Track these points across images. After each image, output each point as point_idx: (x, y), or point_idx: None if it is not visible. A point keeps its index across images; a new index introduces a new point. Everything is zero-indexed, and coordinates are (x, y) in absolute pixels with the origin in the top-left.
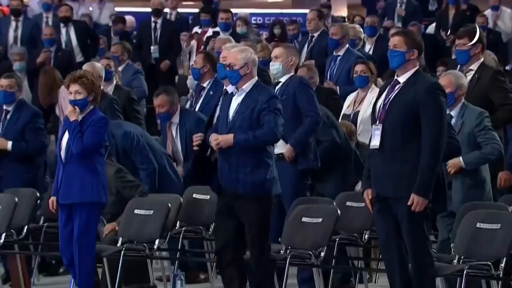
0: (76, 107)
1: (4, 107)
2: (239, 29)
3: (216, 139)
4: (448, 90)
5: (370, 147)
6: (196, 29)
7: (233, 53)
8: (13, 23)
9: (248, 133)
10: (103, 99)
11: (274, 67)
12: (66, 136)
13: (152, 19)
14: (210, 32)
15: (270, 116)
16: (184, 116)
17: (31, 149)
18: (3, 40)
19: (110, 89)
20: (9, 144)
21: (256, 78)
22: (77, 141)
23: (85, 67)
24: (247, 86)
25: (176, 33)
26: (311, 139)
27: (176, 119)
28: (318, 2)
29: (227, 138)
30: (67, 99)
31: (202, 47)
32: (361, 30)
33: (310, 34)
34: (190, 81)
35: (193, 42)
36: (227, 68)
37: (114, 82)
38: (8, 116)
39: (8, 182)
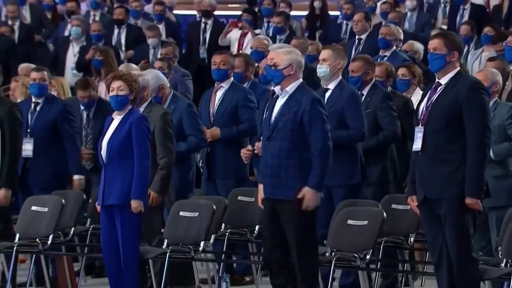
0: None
1: (33, 99)
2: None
3: None
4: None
5: (413, 150)
6: (236, 30)
7: (279, 53)
8: (68, 25)
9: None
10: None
11: (321, 69)
12: (107, 137)
13: (202, 20)
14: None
15: (318, 126)
16: (234, 86)
17: (74, 155)
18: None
19: None
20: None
21: (300, 80)
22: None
23: (121, 67)
24: (290, 87)
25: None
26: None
27: (226, 84)
28: None
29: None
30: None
31: (243, 47)
32: (401, 31)
33: (357, 37)
34: None
35: (229, 36)
36: (272, 67)
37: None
38: (38, 108)
39: (35, 174)
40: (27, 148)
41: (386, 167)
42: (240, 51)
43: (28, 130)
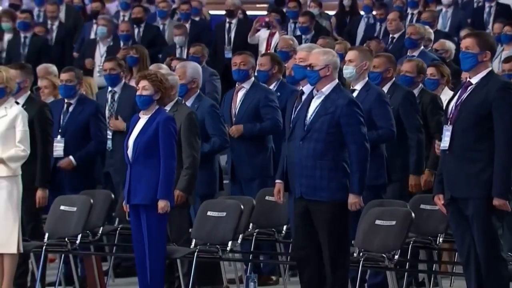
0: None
1: (66, 100)
2: (312, 10)
3: None
4: None
5: (440, 149)
6: (264, 30)
7: (315, 54)
8: (94, 26)
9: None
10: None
11: (348, 70)
12: (133, 136)
13: (227, 20)
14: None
15: (355, 128)
16: (255, 86)
17: (92, 153)
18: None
19: None
20: (73, 161)
21: (336, 81)
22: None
23: (152, 67)
24: (326, 88)
25: (248, 33)
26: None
27: (247, 84)
28: None
29: None
30: None
31: (271, 47)
32: (431, 31)
33: (390, 36)
34: None
35: (258, 35)
36: (308, 68)
37: None
38: (71, 109)
39: (66, 174)
40: (58, 148)
41: (407, 165)
42: (268, 51)
43: (60, 130)
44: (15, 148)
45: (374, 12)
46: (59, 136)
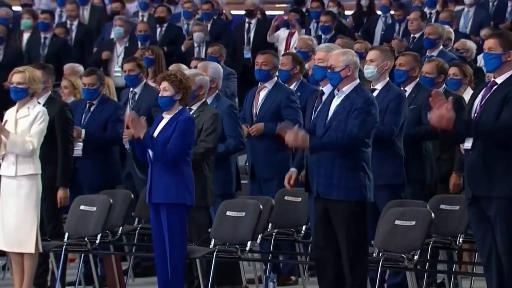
0: (135, 117)
1: (88, 100)
2: (331, 9)
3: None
4: None
5: (464, 148)
6: (284, 29)
7: (335, 55)
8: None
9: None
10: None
11: (368, 70)
12: (154, 135)
13: (246, 20)
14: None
15: (359, 119)
16: (277, 87)
17: (103, 139)
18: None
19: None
20: (83, 133)
21: (357, 81)
22: (163, 153)
23: (172, 67)
24: (347, 88)
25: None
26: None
27: (270, 84)
28: None
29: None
30: None
31: (290, 47)
32: (451, 30)
33: (411, 35)
34: None
35: (277, 34)
36: (328, 70)
37: None
38: (92, 109)
39: (85, 174)
40: (78, 147)
41: (425, 165)
42: (288, 51)
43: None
44: (25, 138)
45: (392, 12)
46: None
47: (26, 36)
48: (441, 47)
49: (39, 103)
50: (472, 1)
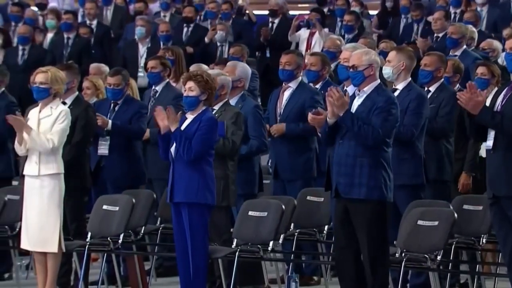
0: (173, 111)
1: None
2: (354, 8)
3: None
4: None
5: (486, 148)
6: (305, 29)
7: (357, 55)
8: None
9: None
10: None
11: (386, 71)
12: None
13: (270, 19)
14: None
15: (381, 118)
16: (301, 86)
17: (128, 130)
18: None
19: None
20: (110, 124)
21: (378, 81)
22: (186, 151)
23: (192, 68)
24: (368, 88)
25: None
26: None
27: (294, 84)
28: None
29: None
30: None
31: (311, 47)
32: (475, 30)
33: (435, 35)
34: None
35: (298, 34)
36: (351, 70)
37: None
38: (117, 108)
39: (110, 172)
40: (103, 146)
41: (444, 165)
42: (309, 51)
43: (105, 129)
44: (47, 136)
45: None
46: (104, 135)
47: (49, 36)
48: (465, 46)
49: (65, 103)
50: (484, 0)
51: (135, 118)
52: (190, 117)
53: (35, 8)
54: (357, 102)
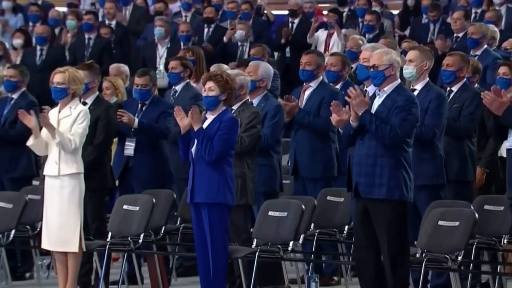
0: (198, 111)
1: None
2: (374, 8)
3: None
4: None
5: (506, 148)
6: (322, 30)
7: (378, 55)
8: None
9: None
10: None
11: (407, 71)
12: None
13: (289, 19)
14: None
15: (397, 116)
16: (322, 86)
17: (154, 129)
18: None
19: None
20: (136, 122)
21: (399, 80)
22: (208, 151)
23: (213, 68)
24: (388, 87)
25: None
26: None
27: (314, 84)
28: None
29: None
30: None
31: (329, 48)
32: (496, 29)
33: (454, 35)
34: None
35: (317, 35)
36: (371, 69)
37: None
38: (144, 108)
39: (137, 172)
40: (130, 147)
41: (467, 165)
42: (327, 52)
43: (132, 129)
44: (68, 136)
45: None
46: (131, 135)
47: (70, 35)
48: (485, 46)
49: (86, 103)
50: (502, 0)
51: (162, 117)
52: (210, 117)
53: (59, 8)
54: (377, 102)
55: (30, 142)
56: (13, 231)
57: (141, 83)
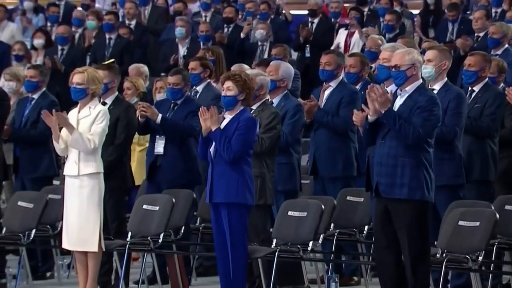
0: (216, 111)
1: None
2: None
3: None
4: None
5: None
6: (343, 30)
7: (399, 54)
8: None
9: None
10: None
11: (426, 70)
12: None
13: (309, 19)
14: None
15: (419, 116)
16: (342, 85)
17: (178, 126)
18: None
19: None
20: (159, 117)
21: (420, 80)
22: (226, 150)
23: (234, 67)
24: (410, 87)
25: (329, 32)
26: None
27: (334, 83)
28: None
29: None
30: None
31: (350, 48)
32: None
33: (476, 34)
34: None
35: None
36: (393, 69)
37: None
38: (176, 108)
39: (166, 171)
40: (159, 145)
41: (488, 165)
42: (347, 52)
43: (156, 122)
44: (87, 136)
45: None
46: (160, 134)
47: (91, 37)
48: (506, 45)
49: (105, 103)
50: None
51: (189, 117)
52: (228, 117)
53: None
54: (398, 102)
55: (59, 148)
56: (33, 231)
57: (173, 81)
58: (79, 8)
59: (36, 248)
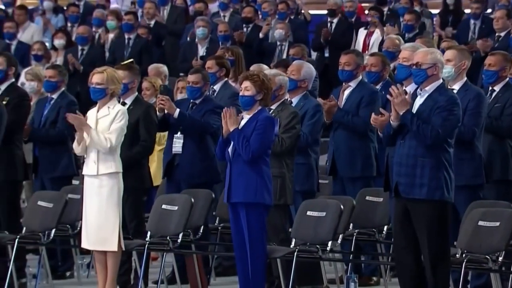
0: (235, 112)
1: (191, 99)
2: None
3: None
4: None
5: None
6: (362, 29)
7: (422, 53)
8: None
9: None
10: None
11: (446, 70)
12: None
13: (328, 19)
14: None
15: (439, 116)
16: (361, 85)
17: (195, 122)
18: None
19: None
20: (177, 112)
21: (441, 80)
22: (245, 149)
23: (253, 67)
24: (430, 87)
25: (348, 32)
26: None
27: (354, 83)
28: None
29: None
30: None
31: (369, 47)
32: None
33: (496, 34)
34: None
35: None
36: (414, 67)
37: None
38: (194, 107)
39: (184, 169)
40: (177, 144)
41: (509, 164)
42: (366, 51)
43: (180, 127)
44: (105, 135)
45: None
46: (179, 133)
47: (110, 37)
48: None
49: (125, 103)
50: None
51: (207, 115)
52: (246, 117)
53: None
54: (418, 102)
55: (78, 151)
56: (53, 231)
57: (192, 80)
58: (99, 9)
59: (56, 247)
